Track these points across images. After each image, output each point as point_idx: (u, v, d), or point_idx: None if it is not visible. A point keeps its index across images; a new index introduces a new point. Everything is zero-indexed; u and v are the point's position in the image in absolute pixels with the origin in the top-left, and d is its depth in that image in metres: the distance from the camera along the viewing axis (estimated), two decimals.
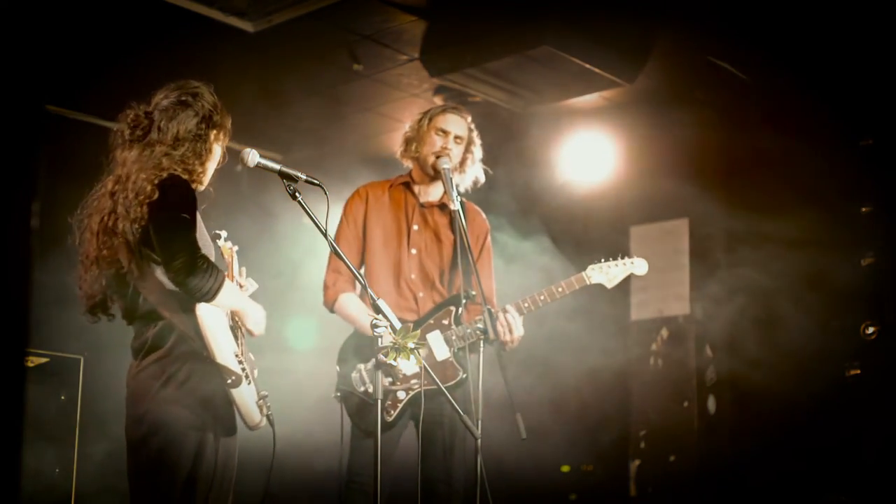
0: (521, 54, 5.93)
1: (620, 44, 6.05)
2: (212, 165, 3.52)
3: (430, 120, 4.61)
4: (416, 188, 4.63)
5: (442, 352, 4.39)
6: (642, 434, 7.03)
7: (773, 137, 6.37)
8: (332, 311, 4.54)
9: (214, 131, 3.47)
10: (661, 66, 6.19)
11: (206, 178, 3.51)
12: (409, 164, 4.68)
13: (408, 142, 4.65)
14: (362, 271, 4.52)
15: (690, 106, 6.67)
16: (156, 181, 3.29)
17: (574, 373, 6.60)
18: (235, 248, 3.72)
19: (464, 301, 4.38)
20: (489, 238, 4.69)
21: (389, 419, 4.33)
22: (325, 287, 4.53)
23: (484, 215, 4.73)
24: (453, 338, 4.39)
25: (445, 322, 4.42)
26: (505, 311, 4.38)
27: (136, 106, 3.46)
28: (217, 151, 3.52)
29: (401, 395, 4.35)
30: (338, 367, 4.46)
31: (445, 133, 4.56)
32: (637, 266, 4.59)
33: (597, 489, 7.14)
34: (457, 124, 4.60)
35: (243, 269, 3.66)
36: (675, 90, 6.54)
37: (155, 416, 3.30)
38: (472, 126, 4.68)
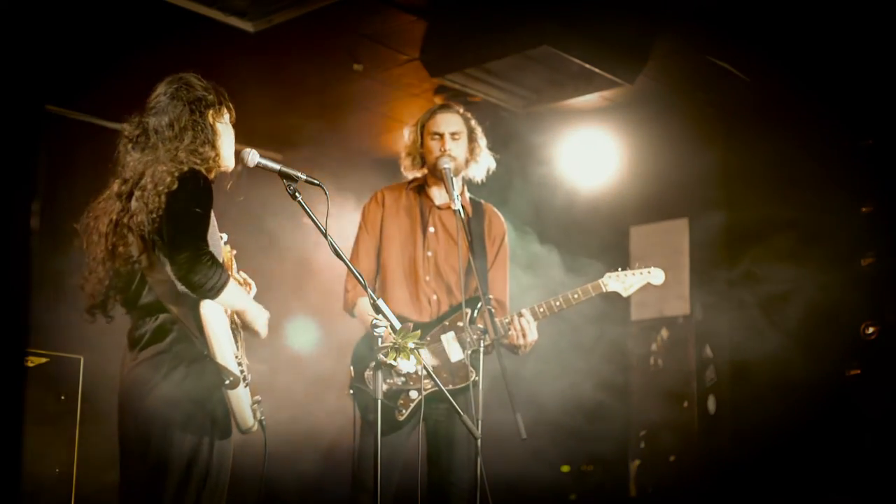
0: (521, 54, 5.92)
1: (620, 44, 6.04)
2: (224, 143, 3.50)
3: (423, 127, 4.61)
4: (431, 190, 4.64)
5: (456, 353, 4.39)
6: (642, 434, 7.03)
7: (774, 137, 6.38)
8: (351, 314, 4.55)
9: (211, 111, 3.46)
10: (661, 66, 6.18)
11: (225, 160, 3.50)
12: (416, 174, 4.67)
13: (409, 156, 4.65)
14: (378, 276, 4.55)
15: (690, 106, 6.67)
16: (176, 173, 3.29)
17: (574, 373, 6.59)
18: (233, 252, 3.72)
19: (479, 303, 4.36)
20: (506, 240, 4.69)
21: (401, 418, 4.32)
22: (346, 291, 4.56)
23: (502, 217, 4.73)
24: (467, 339, 4.38)
25: (460, 324, 4.41)
26: (520, 316, 4.38)
27: (133, 118, 3.46)
28: (223, 130, 3.50)
29: (413, 394, 4.34)
30: (351, 367, 4.46)
31: (440, 136, 4.55)
32: (654, 276, 4.59)
33: (597, 489, 7.13)
34: (448, 122, 4.59)
35: (241, 273, 3.66)
36: (675, 90, 6.54)
37: (150, 414, 3.27)
38: (469, 115, 4.67)
